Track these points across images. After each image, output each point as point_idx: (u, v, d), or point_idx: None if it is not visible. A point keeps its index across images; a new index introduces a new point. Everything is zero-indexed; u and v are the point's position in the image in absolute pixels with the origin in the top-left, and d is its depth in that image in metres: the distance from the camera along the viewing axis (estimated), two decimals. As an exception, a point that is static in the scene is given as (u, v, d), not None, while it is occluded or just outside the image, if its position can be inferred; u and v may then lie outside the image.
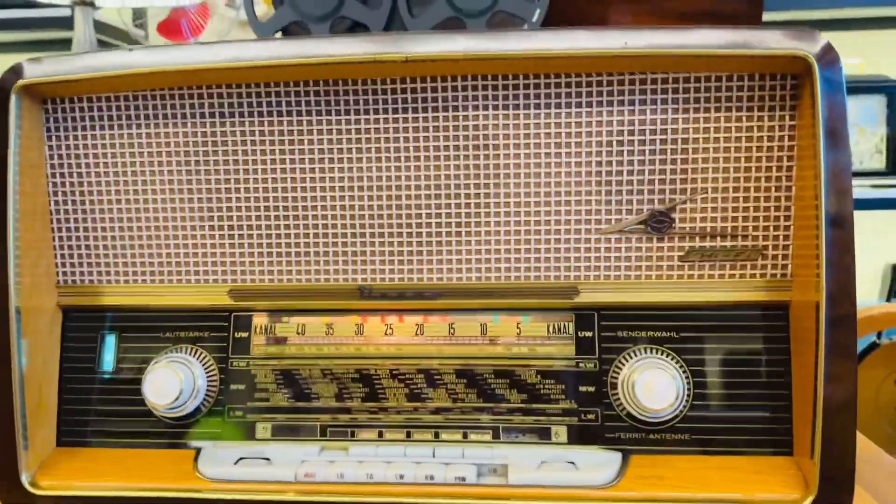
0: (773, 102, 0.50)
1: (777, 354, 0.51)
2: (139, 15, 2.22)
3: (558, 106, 0.51)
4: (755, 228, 0.51)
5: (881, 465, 0.64)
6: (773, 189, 0.50)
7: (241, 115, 0.53)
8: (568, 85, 0.51)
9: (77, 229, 0.56)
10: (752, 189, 0.51)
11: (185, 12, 1.90)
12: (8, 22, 2.14)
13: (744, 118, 0.50)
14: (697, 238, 0.52)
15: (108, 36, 2.23)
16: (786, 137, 0.50)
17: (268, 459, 0.52)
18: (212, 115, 0.53)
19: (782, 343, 0.51)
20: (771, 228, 0.51)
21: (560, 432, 0.52)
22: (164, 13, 2.15)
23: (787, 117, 0.50)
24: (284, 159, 0.53)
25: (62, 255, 0.56)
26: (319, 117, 0.53)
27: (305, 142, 0.53)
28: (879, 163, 1.88)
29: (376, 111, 0.52)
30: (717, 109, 0.50)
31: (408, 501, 0.49)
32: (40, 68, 0.52)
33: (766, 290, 0.51)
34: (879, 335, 1.30)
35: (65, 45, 2.20)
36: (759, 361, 0.51)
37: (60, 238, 0.56)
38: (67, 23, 2.11)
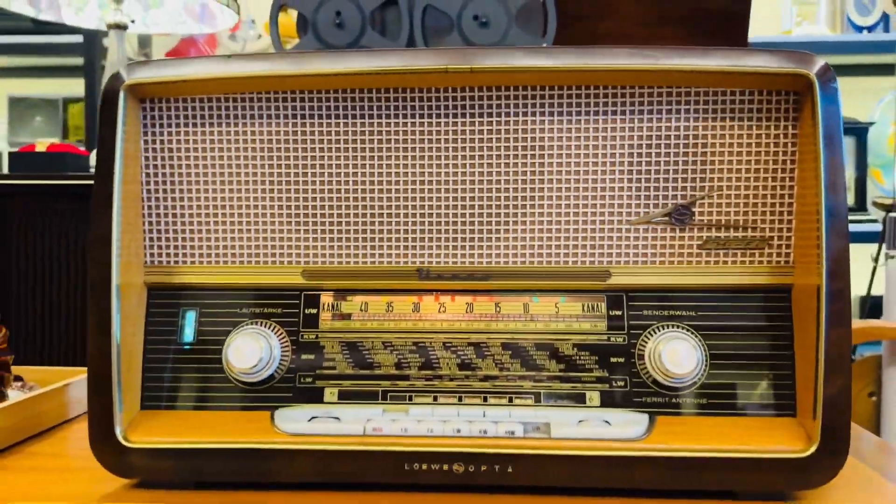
0: (779, 114, 0.59)
1: (781, 330, 0.59)
2: (144, 44, 2.30)
3: (597, 113, 0.60)
4: (762, 221, 0.60)
5: (865, 441, 0.72)
6: (778, 187, 0.59)
7: (319, 116, 0.61)
8: (605, 96, 0.59)
9: (164, 215, 0.63)
10: (759, 187, 0.59)
11: (195, 42, 1.99)
12: (16, 47, 2.21)
13: (754, 127, 0.59)
14: (713, 229, 0.60)
15: (114, 63, 2.30)
16: (789, 144, 0.59)
17: (337, 418, 0.59)
18: (293, 116, 0.61)
19: (786, 321, 0.59)
20: (776, 221, 0.60)
21: (594, 397, 0.60)
22: (171, 42, 2.23)
23: (791, 127, 0.59)
24: (356, 156, 0.61)
25: (150, 238, 0.63)
26: (388, 119, 0.61)
27: (375, 141, 0.61)
28: (849, 200, 2.00)
29: (439, 115, 0.60)
30: (732, 119, 0.59)
31: (464, 450, 0.56)
32: (144, 71, 0.60)
33: (771, 274, 0.60)
34: (854, 350, 1.40)
35: (74, 71, 2.27)
36: (765, 336, 0.59)
37: (149, 222, 0.63)
38: (77, 49, 2.19)
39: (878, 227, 1.89)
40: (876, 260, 1.66)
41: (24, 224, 1.13)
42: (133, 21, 1.36)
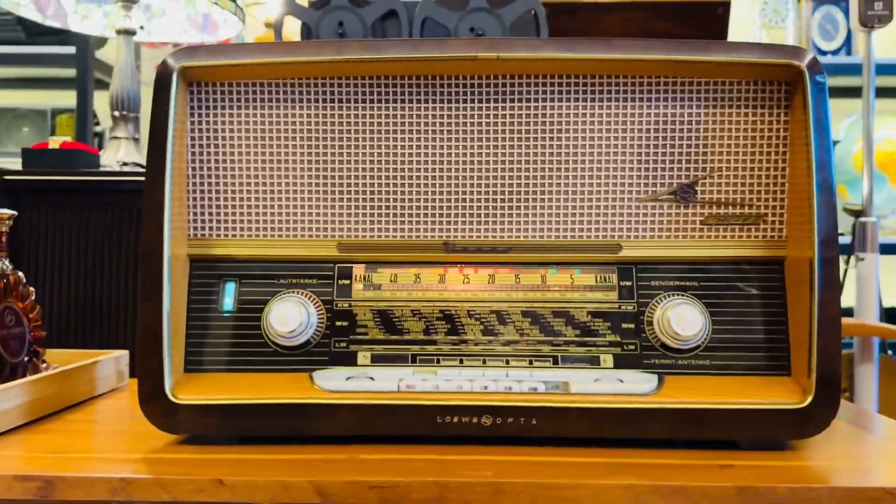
0: (773, 102, 0.65)
1: (776, 298, 0.65)
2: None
3: (609, 101, 0.66)
4: (758, 199, 0.66)
5: (844, 408, 0.78)
6: (772, 169, 0.66)
7: (355, 101, 0.66)
8: (618, 85, 0.66)
9: (207, 191, 0.67)
10: (755, 168, 0.66)
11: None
12: (8, 57, 2.23)
13: (750, 114, 0.65)
14: (714, 206, 0.66)
15: (103, 73, 2.34)
16: (781, 129, 0.65)
17: (371, 378, 0.64)
18: (331, 100, 0.66)
19: (780, 290, 0.65)
20: (770, 200, 0.66)
21: (607, 359, 0.65)
22: (161, 54, 2.27)
23: (783, 114, 0.65)
24: (388, 137, 0.66)
25: (193, 213, 0.67)
26: (419, 104, 0.66)
27: (406, 124, 0.66)
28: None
29: (466, 100, 0.66)
30: (731, 107, 0.65)
31: (492, 404, 0.61)
32: (195, 56, 0.64)
33: (766, 247, 0.66)
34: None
35: (66, 83, 2.30)
36: (762, 303, 0.65)
37: (193, 198, 0.67)
38: (69, 60, 2.22)
39: (846, 239, 1.98)
40: (847, 262, 1.74)
41: (36, 219, 1.16)
42: (142, 27, 1.41)
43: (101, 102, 2.33)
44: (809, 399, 0.60)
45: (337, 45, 0.64)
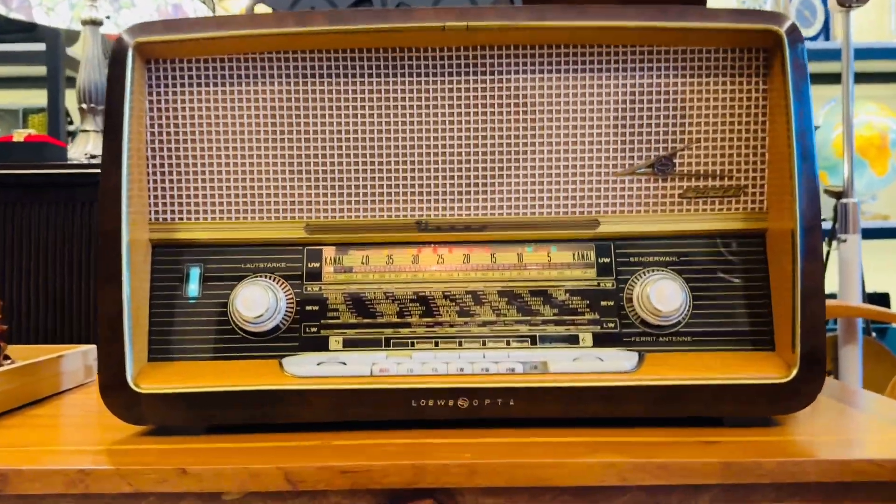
0: (751, 70, 0.63)
1: (757, 272, 0.64)
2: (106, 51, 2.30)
3: (584, 71, 0.64)
4: (737, 171, 0.64)
5: (829, 385, 0.77)
6: (751, 139, 0.64)
7: (320, 76, 0.64)
8: (592, 55, 0.64)
9: (168, 173, 0.65)
10: (734, 139, 0.64)
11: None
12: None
13: (728, 83, 0.64)
14: (693, 179, 0.64)
15: (76, 70, 2.29)
16: (760, 98, 0.64)
17: (344, 363, 0.61)
18: (295, 75, 0.64)
19: (761, 263, 0.64)
20: (749, 171, 0.64)
21: (586, 338, 0.63)
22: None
23: (762, 82, 0.63)
24: (355, 113, 0.64)
25: (154, 196, 0.65)
26: (387, 78, 0.64)
27: (374, 99, 0.64)
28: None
29: (436, 74, 0.64)
30: (708, 76, 0.64)
31: (468, 386, 0.59)
32: (152, 31, 0.62)
33: (746, 220, 0.64)
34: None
35: (37, 82, 2.25)
36: (743, 277, 0.64)
37: (154, 180, 0.65)
38: (39, 58, 2.17)
39: (828, 225, 1.98)
40: (829, 245, 1.73)
41: (1, 213, 1.12)
42: (108, 17, 1.38)
43: (73, 100, 2.29)
44: (794, 373, 0.58)
45: (299, 17, 0.62)
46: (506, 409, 0.59)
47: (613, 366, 0.60)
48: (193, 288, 0.64)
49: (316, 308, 0.64)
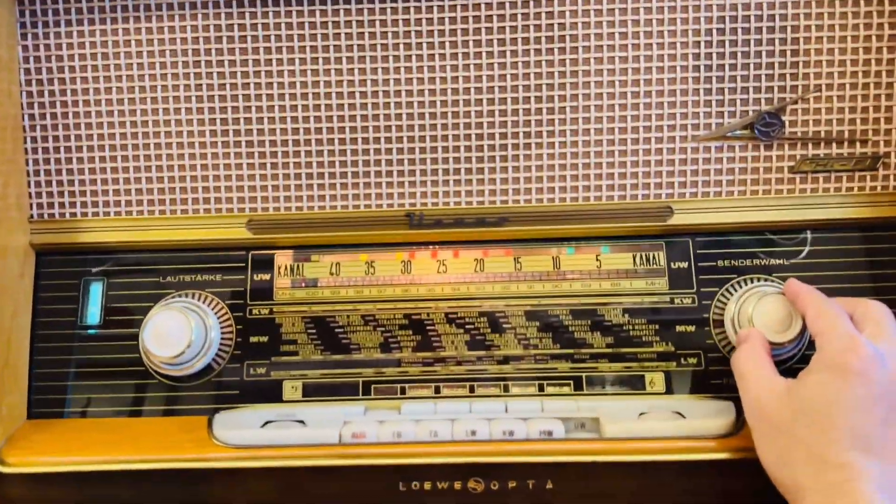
0: (899, -18, 0.43)
1: (906, 280, 0.43)
2: None
3: (649, -12, 0.43)
4: (875, 133, 0.44)
5: None
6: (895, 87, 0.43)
7: (263, 3, 0.44)
8: (660, -38, 0.43)
9: (56, 149, 0.46)
10: (871, 87, 0.44)
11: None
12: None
13: (861, 3, 0.43)
14: (810, 145, 0.44)
15: None
16: (912, 24, 0.43)
17: (302, 422, 0.42)
18: (227, 3, 0.44)
19: (912, 267, 0.44)
20: (894, 133, 0.44)
21: (656, 380, 0.43)
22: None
23: (915, -1, 0.43)
24: (316, 58, 0.44)
25: (37, 183, 0.46)
26: (360, 5, 0.44)
27: (342, 35, 0.44)
28: None
29: (431, -4, 0.44)
30: (834, -9, 0.43)
31: (483, 461, 0.40)
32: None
33: (889, 204, 0.44)
34: None
35: None
36: (886, 287, 0.43)
37: (35, 161, 0.46)
38: None
39: None
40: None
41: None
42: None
43: None
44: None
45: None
46: (541, 495, 0.40)
47: (700, 426, 0.41)
48: (94, 313, 0.46)
49: (265, 339, 0.45)
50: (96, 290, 0.46)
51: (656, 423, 0.41)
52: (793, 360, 0.43)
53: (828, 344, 0.36)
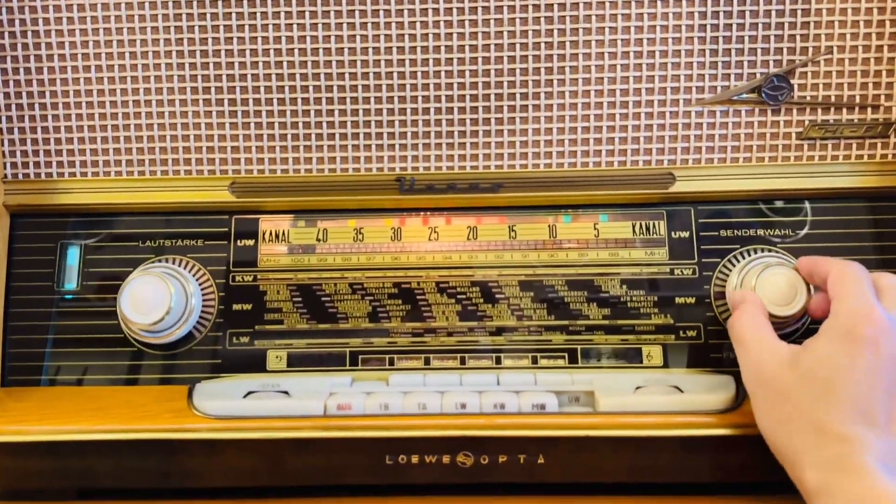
0: (918, -63, 0.41)
1: (916, 253, 0.42)
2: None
3: (654, -59, 0.41)
4: (888, 98, 0.42)
5: None
6: (912, 48, 0.41)
7: (249, -45, 0.42)
8: (667, -87, 0.41)
9: (31, 106, 0.44)
10: (885, 49, 0.42)
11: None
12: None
13: (878, -40, 0.41)
14: (819, 110, 0.42)
15: None
16: (930, -18, 0.41)
17: (286, 392, 0.41)
18: (211, -46, 0.42)
19: (922, 239, 0.42)
20: (907, 98, 0.42)
21: (654, 353, 0.42)
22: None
23: (934, -44, 0.41)
24: (303, 11, 0.42)
25: (10, 141, 0.44)
26: (350, -43, 0.42)
27: (331, -11, 0.42)
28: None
29: (424, -52, 0.42)
30: (848, -53, 0.41)
31: (473, 434, 0.38)
32: None
33: (900, 174, 0.42)
34: None
35: None
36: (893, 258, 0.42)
37: (9, 118, 0.44)
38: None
39: None
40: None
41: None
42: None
43: None
44: None
45: None
46: (531, 470, 0.38)
47: (699, 400, 0.39)
48: (71, 277, 0.44)
49: (248, 307, 0.43)
50: (73, 254, 0.44)
51: (653, 397, 0.39)
52: (797, 332, 0.41)
53: (843, 307, 0.35)
